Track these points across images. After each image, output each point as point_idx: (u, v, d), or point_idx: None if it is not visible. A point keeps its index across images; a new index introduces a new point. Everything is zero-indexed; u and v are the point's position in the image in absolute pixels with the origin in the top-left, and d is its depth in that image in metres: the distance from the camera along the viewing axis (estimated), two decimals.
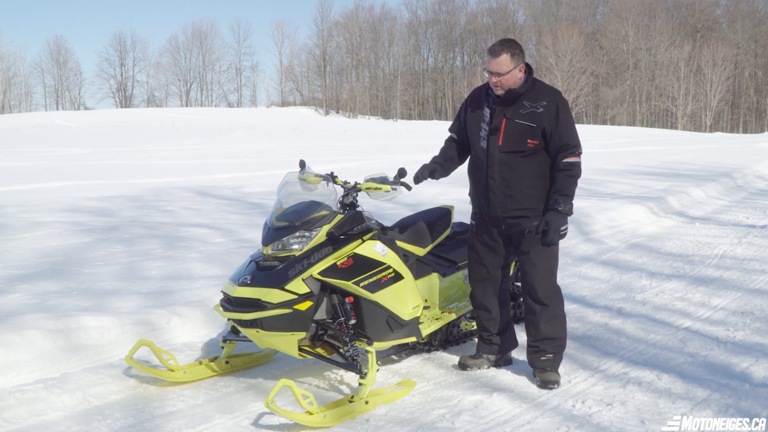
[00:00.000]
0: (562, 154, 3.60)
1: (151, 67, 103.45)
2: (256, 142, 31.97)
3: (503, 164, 3.63)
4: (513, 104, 3.62)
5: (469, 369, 3.89)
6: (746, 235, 7.81)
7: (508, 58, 3.54)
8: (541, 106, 3.59)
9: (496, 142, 3.64)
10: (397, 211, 8.38)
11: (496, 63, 3.55)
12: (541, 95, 3.63)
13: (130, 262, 6.08)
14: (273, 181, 11.53)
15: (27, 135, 36.13)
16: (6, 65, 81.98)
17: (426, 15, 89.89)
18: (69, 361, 3.84)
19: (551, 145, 3.61)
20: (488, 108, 3.70)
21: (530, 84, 3.64)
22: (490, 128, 3.66)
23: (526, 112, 3.60)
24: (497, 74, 3.56)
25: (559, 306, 3.79)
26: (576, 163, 3.61)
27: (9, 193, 11.54)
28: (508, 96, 3.61)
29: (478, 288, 3.90)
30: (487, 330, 3.93)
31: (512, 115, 3.61)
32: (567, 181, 3.60)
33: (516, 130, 3.60)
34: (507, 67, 3.54)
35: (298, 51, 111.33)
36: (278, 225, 3.54)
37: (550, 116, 3.58)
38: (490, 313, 3.91)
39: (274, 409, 3.05)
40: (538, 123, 3.58)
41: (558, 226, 3.56)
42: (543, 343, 3.72)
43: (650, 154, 21.36)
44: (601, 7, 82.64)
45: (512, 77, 3.57)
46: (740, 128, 73.28)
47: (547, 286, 3.74)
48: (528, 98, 3.62)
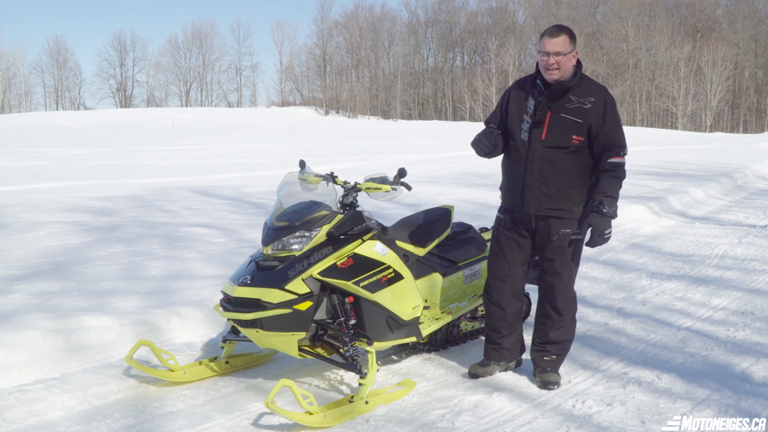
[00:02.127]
0: (607, 154, 3.48)
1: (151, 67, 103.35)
2: (256, 142, 31.96)
3: (544, 160, 3.50)
4: (560, 98, 3.48)
5: (481, 377, 3.77)
6: (746, 235, 7.81)
7: (567, 40, 3.43)
8: (589, 102, 3.48)
9: (539, 136, 3.50)
10: (397, 211, 8.38)
11: (556, 43, 3.41)
12: (590, 91, 3.51)
13: (131, 262, 6.08)
14: (273, 181, 11.53)
15: (27, 135, 36.12)
16: (6, 65, 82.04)
17: (426, 15, 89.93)
18: (69, 361, 3.84)
19: (596, 143, 3.49)
20: (533, 99, 3.55)
21: (579, 78, 3.51)
22: (534, 121, 3.51)
23: (573, 107, 3.47)
24: (557, 54, 3.41)
25: (572, 313, 3.73)
26: (621, 164, 3.49)
27: (9, 193, 11.53)
28: (556, 88, 3.48)
29: (497, 285, 3.74)
30: (497, 331, 3.77)
31: (558, 108, 3.48)
32: (612, 182, 3.45)
33: (561, 124, 3.47)
34: (567, 48, 3.42)
35: (298, 51, 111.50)
36: (278, 225, 3.54)
37: (598, 113, 3.47)
38: (505, 313, 3.76)
39: (274, 409, 3.05)
40: (585, 119, 3.46)
41: (603, 230, 3.39)
42: (550, 345, 3.71)
43: (650, 154, 21.35)
44: (601, 7, 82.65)
45: (569, 61, 3.44)
46: (740, 128, 73.28)
47: (567, 295, 3.67)
48: (575, 93, 3.50)
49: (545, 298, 3.70)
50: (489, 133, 3.55)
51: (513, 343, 3.81)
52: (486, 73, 76.12)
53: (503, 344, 3.78)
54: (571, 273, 3.66)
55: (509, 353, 3.81)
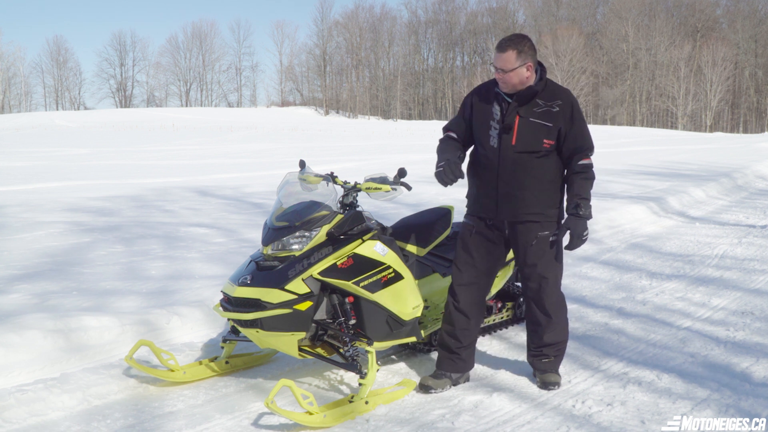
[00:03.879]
0: (577, 156, 3.48)
1: (151, 67, 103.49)
2: (256, 142, 31.96)
3: (516, 165, 3.47)
4: (527, 102, 3.48)
5: (433, 391, 3.59)
6: (746, 235, 7.81)
7: (514, 55, 3.40)
8: (557, 105, 3.47)
9: (509, 142, 3.47)
10: (397, 211, 8.38)
11: (501, 59, 3.42)
12: (555, 94, 3.51)
13: (131, 262, 6.08)
14: (273, 181, 11.53)
15: (27, 135, 36.12)
16: (6, 65, 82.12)
17: (426, 15, 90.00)
18: (69, 361, 3.84)
19: (565, 146, 3.49)
20: (498, 105, 3.54)
21: (544, 82, 3.50)
22: (502, 126, 3.48)
23: (541, 110, 3.47)
24: (501, 70, 3.45)
25: (563, 314, 3.72)
26: (590, 165, 3.50)
27: (9, 193, 11.53)
28: (524, 93, 3.46)
29: (465, 292, 3.65)
30: (457, 340, 3.66)
31: (526, 113, 3.47)
32: (585, 184, 3.46)
33: (531, 129, 3.46)
34: (511, 64, 3.40)
35: (298, 51, 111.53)
36: (278, 225, 3.54)
37: (566, 117, 3.47)
38: (469, 322, 3.66)
39: (274, 409, 3.05)
40: (555, 122, 3.45)
41: (581, 232, 3.41)
42: (545, 348, 3.69)
43: (650, 154, 21.36)
44: (601, 7, 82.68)
45: (517, 75, 3.42)
46: (740, 128, 73.30)
47: (555, 297, 3.66)
48: (542, 97, 3.49)
49: (534, 302, 3.65)
50: (454, 165, 3.48)
51: (469, 355, 3.73)
52: (486, 73, 76.10)
53: (461, 354, 3.67)
54: (557, 274, 3.65)
55: (465, 364, 3.71)
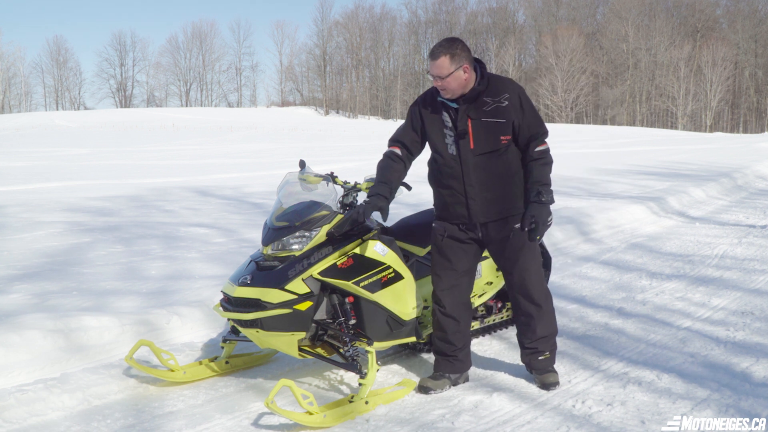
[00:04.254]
0: (533, 144, 3.47)
1: (151, 67, 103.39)
2: (256, 142, 31.97)
3: (479, 168, 3.46)
4: (474, 103, 3.44)
5: (433, 392, 3.59)
6: (746, 235, 7.81)
7: (447, 61, 3.34)
8: (505, 99, 3.43)
9: (467, 146, 3.44)
10: (397, 211, 8.37)
11: (435, 66, 3.36)
12: (501, 88, 3.46)
13: (130, 262, 6.08)
14: (273, 181, 11.52)
15: (27, 135, 36.11)
16: (6, 65, 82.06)
17: (426, 15, 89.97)
18: (69, 361, 3.84)
19: (521, 136, 3.47)
20: (446, 112, 3.49)
21: (486, 80, 3.45)
22: (457, 133, 3.45)
23: (490, 108, 3.42)
24: (438, 77, 3.38)
25: (550, 303, 3.72)
26: (547, 150, 3.50)
27: (9, 193, 11.53)
28: (469, 96, 3.42)
29: (448, 296, 3.64)
30: (451, 344, 3.65)
31: (476, 114, 3.43)
32: (543, 169, 3.46)
33: (486, 129, 3.43)
34: (447, 70, 3.35)
35: (298, 51, 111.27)
36: (278, 225, 3.54)
37: (516, 108, 3.44)
38: (459, 324, 3.65)
39: (274, 409, 3.05)
40: (507, 117, 3.42)
41: (545, 218, 3.42)
42: (540, 342, 3.67)
43: (650, 154, 21.36)
44: (601, 7, 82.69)
45: (455, 80, 3.37)
46: (740, 128, 73.29)
47: (540, 286, 3.65)
48: (488, 94, 3.44)
49: (522, 295, 3.63)
50: (368, 210, 3.44)
51: (466, 355, 3.72)
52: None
53: (457, 356, 3.67)
54: (538, 264, 3.64)
55: (462, 365, 3.71)
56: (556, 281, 5.80)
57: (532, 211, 3.42)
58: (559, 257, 6.69)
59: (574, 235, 7.66)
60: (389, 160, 3.64)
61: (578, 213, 8.55)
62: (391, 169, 3.61)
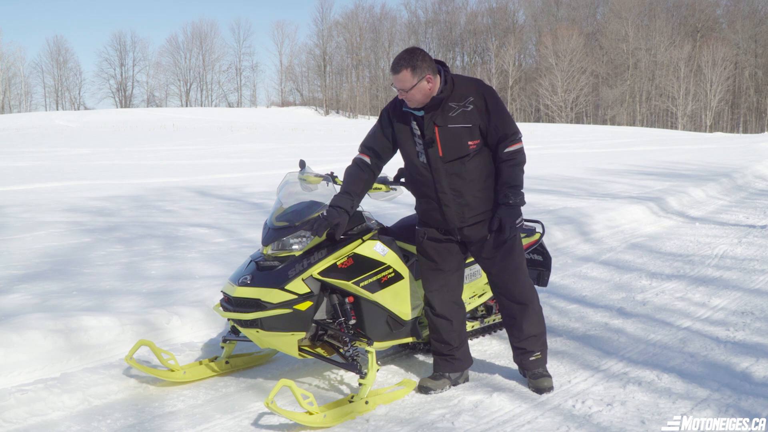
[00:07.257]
0: (503, 145, 3.43)
1: (151, 67, 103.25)
2: (256, 142, 31.94)
3: (450, 175, 3.44)
4: (438, 109, 3.40)
5: (433, 392, 3.60)
6: (746, 235, 7.81)
7: (409, 74, 3.31)
8: (469, 103, 3.39)
9: (436, 154, 3.42)
10: (397, 211, 8.38)
11: (398, 80, 3.33)
12: (465, 91, 3.42)
13: (131, 262, 6.08)
14: (273, 181, 11.53)
15: (27, 135, 36.09)
16: (6, 65, 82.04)
17: (426, 15, 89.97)
18: (69, 361, 3.84)
19: (490, 138, 3.45)
20: (414, 121, 3.47)
21: (450, 85, 3.41)
22: (425, 141, 3.43)
23: (456, 114, 3.39)
24: (402, 90, 3.35)
25: (536, 301, 3.69)
26: (518, 150, 3.46)
27: (9, 193, 11.54)
28: (432, 103, 3.39)
29: (437, 296, 3.64)
30: (447, 343, 3.66)
31: (443, 121, 3.39)
32: (512, 171, 3.43)
33: (453, 135, 3.39)
34: (410, 82, 3.31)
35: (298, 51, 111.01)
36: (278, 225, 3.54)
37: (482, 111, 3.41)
38: (452, 324, 3.65)
39: (274, 409, 3.05)
40: (473, 121, 3.39)
41: (513, 220, 3.40)
42: (528, 342, 3.65)
43: (650, 154, 21.36)
44: (601, 7, 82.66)
45: (419, 91, 3.34)
46: (740, 128, 73.30)
47: (522, 284, 3.62)
48: (452, 99, 3.41)
49: (502, 294, 3.63)
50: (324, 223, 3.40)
51: (464, 353, 3.72)
52: (486, 73, 76.17)
53: (455, 355, 3.67)
54: (517, 261, 3.60)
55: (461, 363, 3.69)
56: (556, 281, 5.80)
57: (500, 213, 3.41)
58: (559, 257, 6.70)
59: (573, 235, 7.67)
60: (357, 168, 3.65)
61: (578, 213, 8.56)
62: (357, 179, 3.61)
